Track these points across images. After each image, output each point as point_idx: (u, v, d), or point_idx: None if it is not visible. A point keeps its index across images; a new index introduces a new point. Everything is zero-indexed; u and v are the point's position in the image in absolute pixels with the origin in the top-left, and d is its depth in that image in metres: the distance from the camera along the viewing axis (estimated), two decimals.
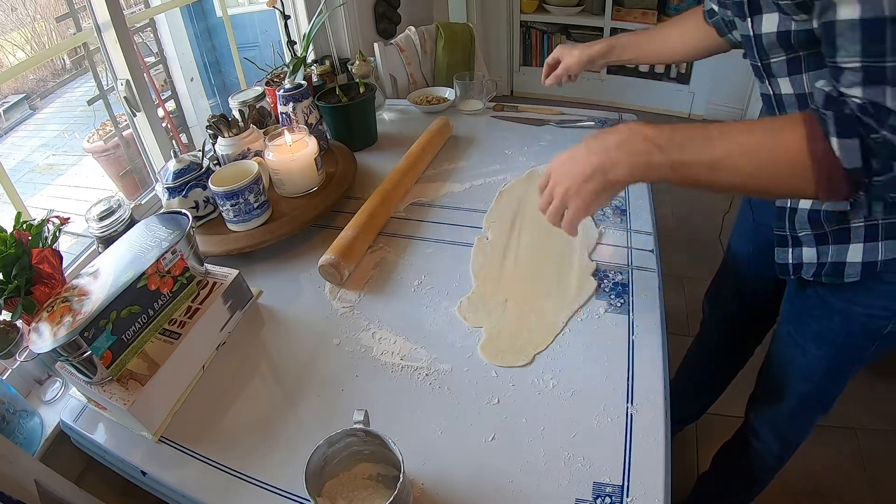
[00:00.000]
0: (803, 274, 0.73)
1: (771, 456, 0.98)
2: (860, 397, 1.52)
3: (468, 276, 0.84)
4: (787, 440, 0.95)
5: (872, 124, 0.46)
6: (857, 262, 0.66)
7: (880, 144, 0.46)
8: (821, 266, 0.70)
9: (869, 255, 0.65)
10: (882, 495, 1.31)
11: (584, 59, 1.03)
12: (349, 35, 1.59)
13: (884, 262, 0.65)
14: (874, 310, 0.70)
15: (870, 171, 0.47)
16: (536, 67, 3.22)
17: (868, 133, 0.46)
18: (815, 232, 0.69)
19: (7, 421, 0.69)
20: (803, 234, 0.71)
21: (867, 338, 0.73)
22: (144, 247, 0.69)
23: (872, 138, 0.46)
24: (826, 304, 0.74)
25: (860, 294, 0.70)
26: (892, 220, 0.63)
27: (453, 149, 1.17)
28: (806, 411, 0.89)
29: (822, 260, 0.70)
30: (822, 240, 0.69)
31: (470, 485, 0.57)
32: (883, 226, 0.64)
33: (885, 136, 0.45)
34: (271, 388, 0.71)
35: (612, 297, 0.77)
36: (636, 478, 0.56)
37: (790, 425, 0.92)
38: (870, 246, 0.65)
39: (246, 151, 0.98)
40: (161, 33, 1.76)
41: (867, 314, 0.71)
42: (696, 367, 1.25)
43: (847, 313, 0.72)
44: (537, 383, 0.67)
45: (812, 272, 0.71)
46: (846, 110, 0.47)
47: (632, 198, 0.97)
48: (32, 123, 2.25)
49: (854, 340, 0.74)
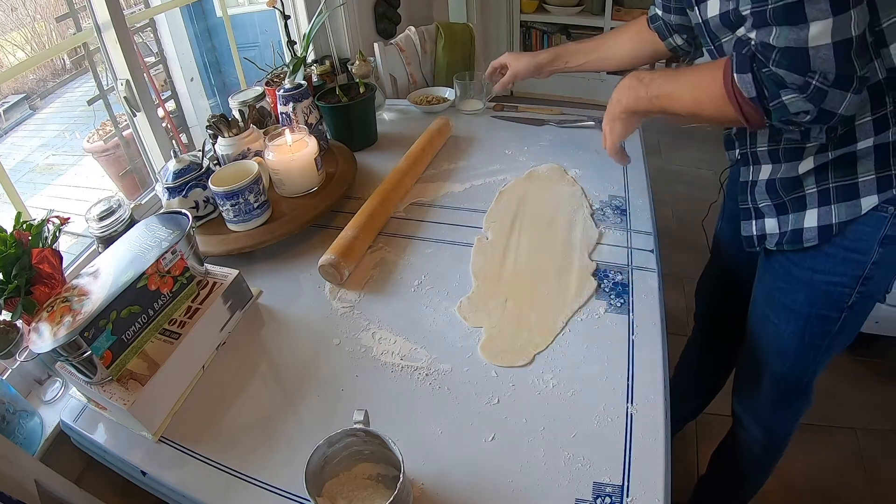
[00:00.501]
0: (767, 244, 0.78)
1: (757, 446, 0.99)
2: (860, 397, 1.52)
3: (468, 276, 0.84)
4: (771, 429, 0.96)
5: (763, 60, 0.57)
6: (813, 227, 0.71)
7: (768, 77, 0.57)
8: (782, 235, 0.75)
9: (824, 218, 0.70)
10: (882, 495, 1.32)
11: (532, 67, 1.10)
12: (349, 35, 1.59)
13: (838, 224, 0.69)
14: (835, 276, 0.73)
15: (764, 99, 0.59)
16: None
17: (759, 68, 0.58)
18: (775, 202, 0.76)
19: (7, 421, 0.69)
20: (763, 204, 0.77)
21: (833, 308, 0.76)
22: (144, 247, 0.69)
23: (763, 72, 0.57)
24: (791, 276, 0.78)
25: (819, 261, 0.73)
26: (841, 182, 0.68)
27: (453, 149, 1.17)
28: (785, 396, 0.90)
29: (783, 229, 0.75)
30: (781, 209, 0.75)
31: (470, 485, 0.57)
32: (834, 189, 0.68)
33: (772, 70, 0.56)
34: (271, 388, 0.71)
35: (612, 297, 0.77)
36: (636, 478, 0.56)
37: (772, 412, 0.93)
38: (824, 210, 0.70)
39: (246, 151, 0.98)
40: (161, 33, 1.76)
41: (829, 282, 0.74)
42: (694, 360, 1.26)
43: (810, 282, 0.76)
44: (537, 383, 0.67)
45: (775, 242, 0.77)
46: (744, 50, 0.59)
47: (632, 198, 0.97)
48: (32, 123, 2.25)
49: (820, 311, 0.77)
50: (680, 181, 2.40)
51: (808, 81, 0.54)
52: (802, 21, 0.52)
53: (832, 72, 0.53)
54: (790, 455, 1.02)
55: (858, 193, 0.67)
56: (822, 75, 0.54)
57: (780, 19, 0.53)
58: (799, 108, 0.57)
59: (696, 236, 1.95)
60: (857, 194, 0.67)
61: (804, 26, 0.52)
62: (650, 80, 0.74)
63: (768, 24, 0.55)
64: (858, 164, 0.66)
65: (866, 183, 0.66)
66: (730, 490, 1.13)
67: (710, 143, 2.66)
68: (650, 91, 0.73)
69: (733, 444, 1.04)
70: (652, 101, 0.73)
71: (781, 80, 0.56)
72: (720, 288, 1.10)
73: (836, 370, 1.60)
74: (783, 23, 0.53)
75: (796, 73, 0.55)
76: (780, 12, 0.53)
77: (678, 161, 2.54)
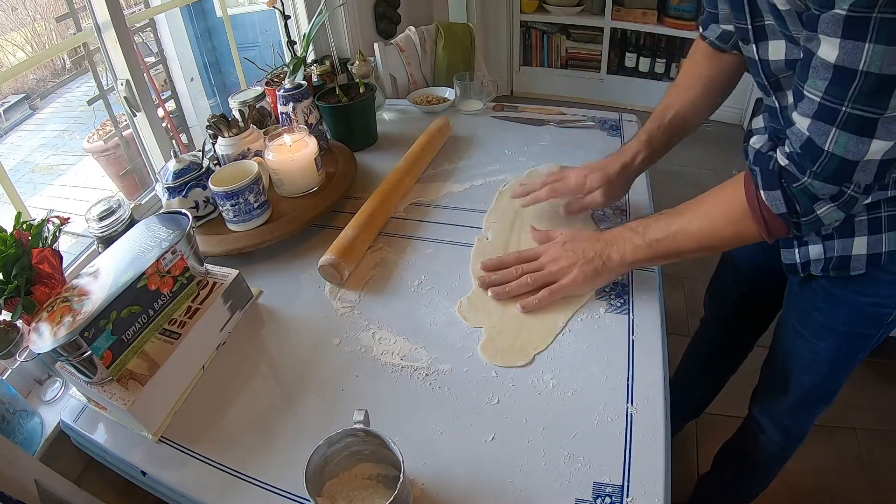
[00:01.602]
0: (812, 270, 0.73)
1: (775, 447, 0.98)
2: (860, 397, 1.52)
3: (468, 276, 0.84)
4: (790, 432, 0.95)
5: (795, 173, 0.55)
6: (862, 255, 0.68)
7: (801, 192, 0.55)
8: (828, 261, 0.71)
9: (873, 247, 0.67)
10: (882, 495, 1.32)
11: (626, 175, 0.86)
12: (349, 35, 1.59)
13: (888, 252, 0.67)
14: (879, 298, 0.71)
15: (794, 214, 0.57)
16: (536, 67, 3.23)
17: (790, 183, 0.55)
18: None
19: (7, 421, 0.69)
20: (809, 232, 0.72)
21: (871, 326, 0.75)
22: (144, 247, 0.69)
23: (794, 187, 0.55)
24: (832, 297, 0.75)
25: (865, 285, 0.71)
26: (894, 212, 0.65)
27: (453, 149, 1.17)
28: (810, 403, 0.89)
29: (828, 255, 0.71)
30: (827, 236, 0.70)
31: (470, 485, 0.57)
32: (886, 218, 0.65)
33: (804, 184, 0.54)
34: (271, 388, 0.71)
35: (612, 297, 0.77)
36: (636, 478, 0.56)
37: (794, 418, 0.93)
38: (874, 238, 0.67)
39: (246, 151, 0.98)
40: (161, 33, 1.76)
41: (872, 303, 0.72)
42: (697, 363, 1.25)
43: (852, 304, 0.73)
44: (537, 383, 0.67)
45: (820, 268, 0.72)
46: (771, 165, 0.57)
47: (632, 198, 0.97)
48: (32, 123, 2.25)
49: (859, 329, 0.76)
50: (680, 181, 2.40)
51: (842, 191, 0.53)
52: (869, 136, 0.49)
53: (867, 182, 0.52)
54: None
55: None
56: (857, 185, 0.52)
57: (849, 127, 0.49)
58: (832, 218, 0.55)
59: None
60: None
61: (867, 141, 0.49)
62: (644, 226, 0.70)
63: (831, 124, 0.50)
64: None
65: None
66: (736, 489, 1.13)
67: (710, 144, 2.66)
68: (647, 237, 0.69)
69: (747, 446, 1.03)
70: (651, 246, 0.69)
71: (815, 192, 0.54)
72: (740, 302, 1.07)
73: None
74: (851, 131, 0.49)
75: (834, 183, 0.53)
76: (853, 120, 0.49)
77: (678, 161, 2.54)
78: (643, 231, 0.70)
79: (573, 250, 0.75)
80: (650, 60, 2.96)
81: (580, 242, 0.75)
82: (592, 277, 0.74)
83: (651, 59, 2.96)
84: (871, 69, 0.45)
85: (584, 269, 0.73)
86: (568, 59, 3.16)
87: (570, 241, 0.77)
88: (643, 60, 2.98)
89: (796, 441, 0.97)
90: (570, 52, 3.14)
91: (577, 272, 0.74)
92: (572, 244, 0.76)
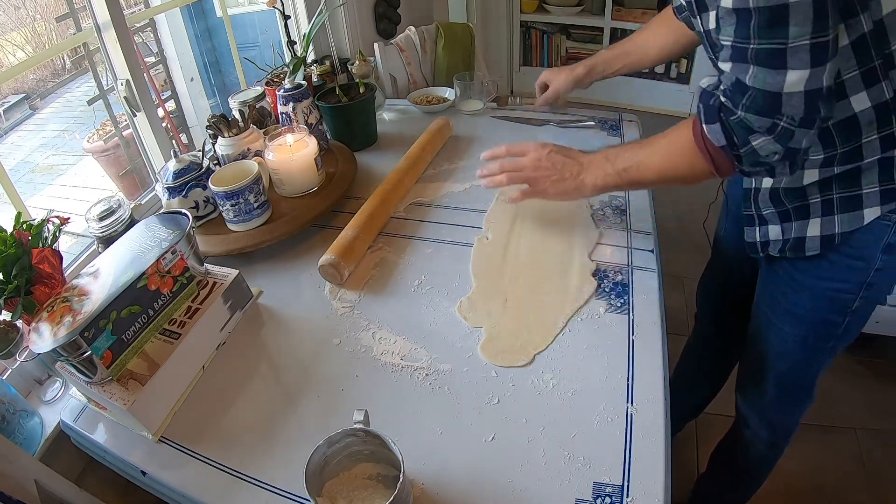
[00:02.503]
0: (770, 251, 0.78)
1: (762, 443, 0.99)
2: (860, 397, 1.52)
3: (468, 276, 0.84)
4: (775, 426, 0.96)
5: (731, 108, 0.58)
6: (815, 237, 0.72)
7: (737, 124, 0.58)
8: (785, 242, 0.76)
9: (826, 228, 0.71)
10: (882, 495, 1.32)
11: (571, 81, 1.12)
12: (349, 35, 1.59)
13: (841, 234, 0.70)
14: (839, 283, 0.74)
15: (734, 147, 0.60)
16: (536, 67, 3.23)
17: (728, 116, 0.59)
18: (778, 209, 0.75)
19: (7, 421, 0.69)
20: (768, 212, 0.77)
21: (836, 313, 0.77)
22: (144, 247, 0.69)
23: (731, 120, 0.59)
24: (795, 281, 0.78)
25: (824, 268, 0.74)
26: (845, 194, 0.68)
27: (453, 149, 1.17)
28: (789, 396, 0.90)
29: (786, 236, 0.75)
30: (785, 217, 0.75)
31: (470, 485, 0.57)
32: (837, 199, 0.69)
33: (740, 118, 0.58)
34: (271, 388, 0.71)
35: (612, 297, 0.77)
36: (636, 478, 0.56)
37: (776, 410, 0.94)
38: (826, 220, 0.71)
39: (246, 151, 0.98)
40: (161, 33, 1.76)
41: (833, 288, 0.75)
42: (694, 360, 1.26)
43: (814, 289, 0.77)
44: (537, 383, 0.67)
45: (778, 248, 0.77)
46: (711, 101, 0.61)
47: (632, 198, 0.97)
48: (32, 123, 2.25)
49: (824, 316, 0.78)
50: None
51: (775, 123, 0.56)
52: (782, 67, 0.53)
53: (799, 115, 0.55)
54: (790, 455, 1.02)
55: (862, 205, 0.67)
56: (790, 118, 0.55)
57: (760, 61, 0.54)
58: (768, 150, 0.58)
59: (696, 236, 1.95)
60: (860, 205, 0.67)
61: (783, 72, 0.53)
62: (615, 154, 0.75)
63: (746, 62, 0.55)
64: (863, 176, 0.66)
65: (870, 195, 0.66)
66: (732, 488, 1.13)
67: None
68: (617, 165, 0.74)
69: (737, 443, 1.05)
70: (620, 174, 0.74)
71: (749, 125, 0.57)
72: (723, 289, 1.10)
73: (836, 370, 1.59)
74: (763, 65, 0.54)
75: (765, 115, 0.56)
76: (762, 54, 0.54)
77: None
78: (614, 159, 0.75)
79: (554, 164, 0.80)
80: None
81: (562, 157, 0.80)
82: (563, 193, 0.81)
83: None
84: (760, 3, 0.51)
85: (557, 186, 0.80)
86: (568, 59, 3.16)
87: (556, 152, 0.81)
88: None
89: (783, 438, 0.98)
90: (571, 52, 3.15)
91: (550, 186, 0.81)
92: (556, 156, 0.81)
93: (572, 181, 0.79)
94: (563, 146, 0.82)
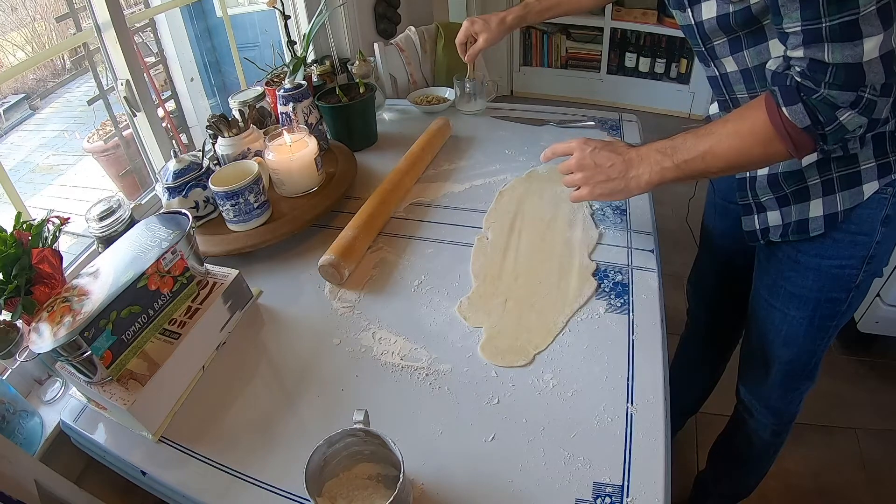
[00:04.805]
0: (771, 237, 0.79)
1: (767, 431, 0.99)
2: (861, 398, 1.52)
3: (468, 276, 0.84)
4: (780, 413, 0.96)
5: (811, 86, 0.57)
6: (819, 216, 0.73)
7: (821, 102, 0.57)
8: (786, 226, 0.76)
9: (829, 207, 0.72)
10: (882, 495, 1.32)
11: (503, 28, 1.07)
12: (349, 35, 1.59)
13: (843, 211, 0.71)
14: (842, 260, 0.75)
15: (819, 125, 0.58)
16: (537, 67, 3.23)
17: (809, 95, 0.57)
18: (777, 195, 0.76)
19: (7, 421, 0.69)
20: (766, 199, 0.78)
21: (840, 290, 0.78)
22: (144, 247, 0.69)
23: (814, 99, 0.57)
24: (798, 264, 0.79)
25: (827, 247, 0.75)
26: (844, 172, 0.69)
27: (453, 149, 1.17)
28: (793, 379, 0.91)
29: (786, 221, 0.76)
30: (783, 202, 0.75)
31: (470, 485, 0.57)
32: (837, 178, 0.70)
33: (823, 95, 0.56)
34: (271, 388, 0.71)
35: (612, 297, 0.77)
36: (636, 478, 0.56)
37: (780, 396, 0.94)
38: (829, 199, 0.72)
39: (246, 151, 0.98)
40: (161, 33, 1.76)
41: (838, 265, 0.76)
42: (689, 356, 1.26)
43: (818, 268, 0.77)
44: (537, 383, 0.67)
45: (779, 234, 0.77)
46: (788, 82, 0.59)
47: (632, 198, 0.97)
48: (32, 123, 2.25)
49: (829, 294, 0.79)
50: None
51: (860, 96, 0.55)
52: (857, 37, 0.52)
53: (881, 81, 0.54)
54: (790, 455, 1.02)
55: (861, 180, 0.69)
56: (873, 87, 0.55)
57: (835, 36, 0.53)
58: (855, 124, 0.57)
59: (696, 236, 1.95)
60: (859, 181, 0.69)
61: (859, 42, 0.52)
62: (671, 148, 0.70)
63: (821, 41, 0.54)
64: (859, 153, 0.68)
65: (868, 170, 0.69)
66: (734, 482, 1.13)
67: None
68: (676, 158, 0.69)
69: (738, 435, 1.05)
70: (679, 167, 0.69)
71: (834, 101, 0.56)
72: (716, 282, 1.10)
73: (836, 370, 1.60)
74: (839, 39, 0.53)
75: (850, 89, 0.55)
76: (836, 30, 0.53)
77: None
78: (671, 153, 0.70)
79: (597, 163, 0.75)
80: (650, 60, 2.97)
81: (606, 155, 0.74)
82: (611, 194, 0.76)
83: (651, 59, 2.96)
84: None
85: (603, 187, 0.75)
86: (568, 59, 3.16)
87: (600, 149, 0.75)
88: (643, 60, 2.98)
89: (787, 423, 0.98)
90: (570, 52, 3.15)
91: (597, 187, 0.75)
92: (600, 154, 0.75)
93: (621, 181, 0.73)
94: (607, 141, 0.78)
